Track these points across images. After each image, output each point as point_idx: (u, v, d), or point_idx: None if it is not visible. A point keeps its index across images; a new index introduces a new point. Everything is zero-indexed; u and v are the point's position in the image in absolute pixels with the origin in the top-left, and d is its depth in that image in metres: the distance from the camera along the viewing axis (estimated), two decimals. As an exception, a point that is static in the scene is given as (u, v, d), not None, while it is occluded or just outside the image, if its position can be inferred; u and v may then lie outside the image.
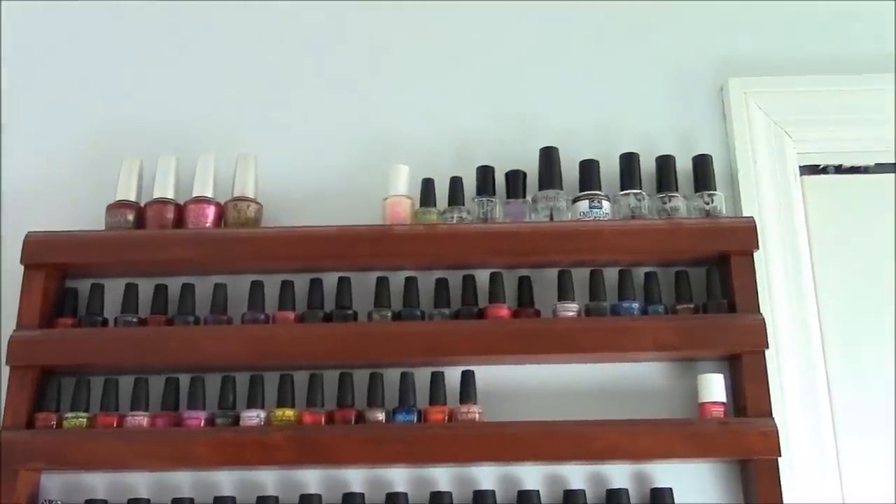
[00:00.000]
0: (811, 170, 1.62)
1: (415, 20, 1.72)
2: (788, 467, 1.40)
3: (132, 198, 1.55)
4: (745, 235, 1.48)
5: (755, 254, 1.48)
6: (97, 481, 1.45)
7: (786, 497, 1.37)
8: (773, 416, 1.40)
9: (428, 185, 1.55)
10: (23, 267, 1.49)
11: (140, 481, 1.45)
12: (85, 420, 1.42)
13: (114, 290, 1.52)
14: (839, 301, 1.53)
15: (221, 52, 1.71)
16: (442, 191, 1.55)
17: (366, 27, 1.71)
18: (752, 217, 1.50)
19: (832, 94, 1.61)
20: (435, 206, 1.54)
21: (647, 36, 1.70)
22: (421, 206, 1.54)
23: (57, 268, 1.51)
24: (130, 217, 1.53)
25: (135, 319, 1.49)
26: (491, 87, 1.68)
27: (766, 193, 1.56)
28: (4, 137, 1.65)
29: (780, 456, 1.37)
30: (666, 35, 1.69)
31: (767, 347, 1.42)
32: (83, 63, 1.71)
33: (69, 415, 1.43)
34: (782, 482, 1.37)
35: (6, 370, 1.44)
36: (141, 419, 1.43)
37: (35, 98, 1.68)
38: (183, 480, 1.45)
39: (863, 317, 1.52)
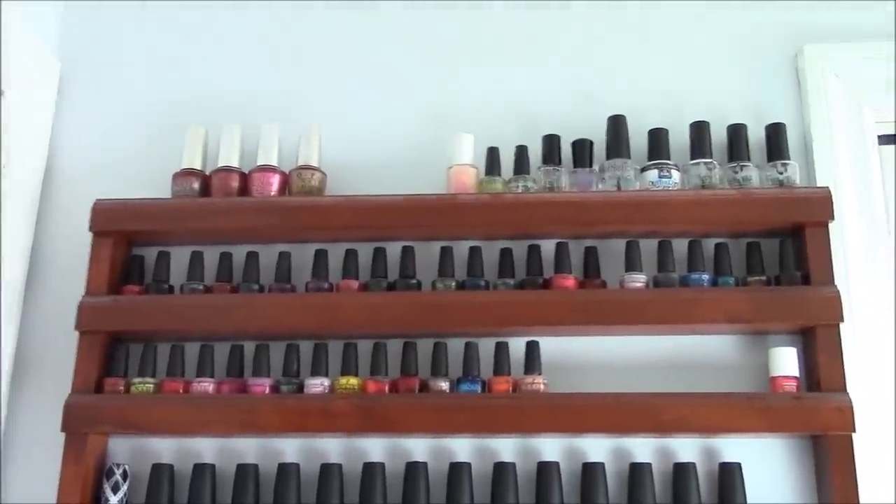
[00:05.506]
0: (890, 139, 1.57)
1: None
2: (863, 444, 1.36)
3: (198, 166, 1.55)
4: (821, 206, 1.43)
5: (830, 224, 1.43)
6: (164, 446, 1.47)
7: (860, 474, 1.33)
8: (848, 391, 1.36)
9: (493, 154, 1.53)
10: (91, 235, 1.50)
11: (205, 446, 1.47)
12: (152, 385, 1.44)
13: (179, 257, 1.53)
14: (918, 274, 1.48)
15: (284, 21, 1.70)
16: (507, 161, 1.53)
17: (429, -5, 1.70)
18: (827, 187, 1.46)
19: (912, 60, 1.55)
20: (500, 175, 1.52)
21: (717, 0, 1.65)
22: (486, 175, 1.52)
23: (124, 235, 1.53)
24: (196, 185, 1.53)
25: (201, 287, 1.50)
26: (556, 54, 1.64)
27: (842, 163, 1.51)
28: (72, 107, 1.67)
29: (854, 432, 1.34)
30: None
31: (843, 321, 1.38)
32: (148, 32, 1.71)
33: (137, 380, 1.44)
34: (857, 459, 1.33)
35: (76, 336, 1.46)
36: (207, 385, 1.44)
37: (101, 67, 1.69)
38: (248, 446, 1.46)
39: (943, 290, 1.47)
